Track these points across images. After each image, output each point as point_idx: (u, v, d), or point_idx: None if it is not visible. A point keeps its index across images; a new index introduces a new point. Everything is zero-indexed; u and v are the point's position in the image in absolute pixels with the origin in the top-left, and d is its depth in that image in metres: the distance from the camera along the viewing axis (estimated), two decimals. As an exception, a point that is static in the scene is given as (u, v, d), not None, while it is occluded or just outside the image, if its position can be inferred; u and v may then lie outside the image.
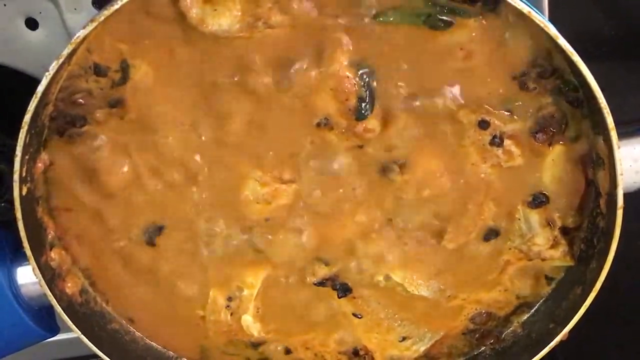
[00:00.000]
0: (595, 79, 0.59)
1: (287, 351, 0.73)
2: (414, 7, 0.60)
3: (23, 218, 0.62)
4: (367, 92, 0.63)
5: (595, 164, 0.64)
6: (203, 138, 0.65)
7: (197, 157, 0.65)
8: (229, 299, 0.70)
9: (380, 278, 0.70)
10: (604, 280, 0.63)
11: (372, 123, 0.63)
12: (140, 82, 0.62)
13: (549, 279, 0.70)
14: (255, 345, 0.72)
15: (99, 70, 0.62)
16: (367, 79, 0.62)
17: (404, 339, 0.72)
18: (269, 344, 0.72)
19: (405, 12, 0.60)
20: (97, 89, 0.63)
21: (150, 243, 0.68)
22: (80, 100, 0.63)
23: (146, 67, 0.62)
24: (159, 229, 0.68)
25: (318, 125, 0.64)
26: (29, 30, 0.74)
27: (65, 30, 0.73)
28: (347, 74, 0.62)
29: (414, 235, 0.68)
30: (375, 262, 0.69)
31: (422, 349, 0.72)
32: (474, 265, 0.69)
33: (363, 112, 0.63)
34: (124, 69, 0.62)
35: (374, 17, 0.60)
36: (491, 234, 0.68)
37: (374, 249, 0.69)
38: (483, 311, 0.71)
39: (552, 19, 0.75)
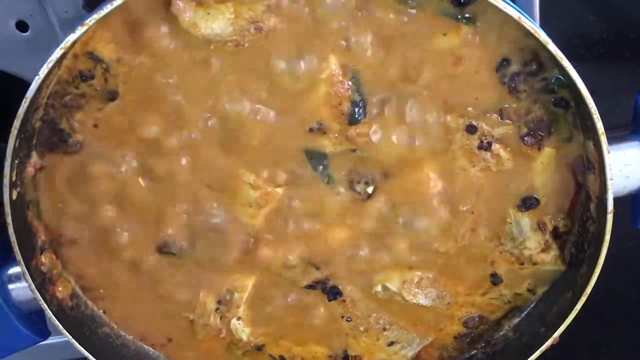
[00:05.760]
0: (586, 81, 0.59)
1: (281, 358, 0.73)
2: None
3: (13, 222, 0.62)
4: (360, 96, 0.63)
5: (586, 168, 0.64)
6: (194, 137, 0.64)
7: (184, 161, 0.65)
8: (219, 302, 0.70)
9: (379, 289, 0.70)
10: (595, 284, 0.63)
11: (366, 127, 0.63)
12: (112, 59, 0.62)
13: (532, 291, 0.70)
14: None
15: (85, 77, 0.62)
16: (360, 83, 0.62)
17: (392, 343, 0.72)
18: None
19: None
20: (92, 90, 0.63)
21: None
22: (72, 102, 0.62)
23: (109, 46, 0.61)
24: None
25: (311, 130, 0.64)
26: (20, 33, 0.73)
27: (56, 33, 0.73)
28: (340, 77, 0.62)
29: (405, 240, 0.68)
30: (368, 266, 0.69)
31: (410, 354, 0.72)
32: (466, 269, 0.69)
33: (356, 116, 0.63)
34: (93, 58, 0.61)
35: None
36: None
37: (366, 254, 0.68)
38: (476, 315, 0.71)
39: (543, 22, 0.76)
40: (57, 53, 0.57)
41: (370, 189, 0.66)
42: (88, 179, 0.65)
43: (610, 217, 0.61)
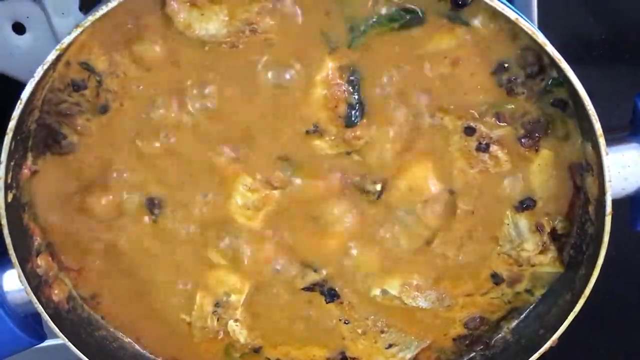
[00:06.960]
0: (584, 83, 0.58)
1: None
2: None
3: (8, 225, 0.62)
4: (357, 99, 0.62)
5: (584, 170, 0.64)
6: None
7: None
8: (217, 304, 0.70)
9: (377, 292, 0.69)
10: (594, 286, 0.63)
11: (362, 130, 0.63)
12: (107, 70, 0.62)
13: (530, 292, 0.70)
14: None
15: (77, 86, 0.62)
16: (356, 86, 0.62)
17: (390, 346, 0.71)
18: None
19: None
20: (85, 101, 0.63)
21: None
22: (66, 110, 0.62)
23: (103, 57, 0.61)
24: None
25: (307, 132, 0.63)
26: (16, 35, 0.74)
27: (53, 35, 0.73)
28: (338, 80, 0.62)
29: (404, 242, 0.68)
30: (365, 269, 0.69)
31: (408, 356, 0.72)
32: (465, 270, 0.69)
33: (353, 119, 0.63)
34: (88, 68, 0.61)
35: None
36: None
37: (363, 256, 0.68)
38: (477, 316, 0.71)
39: (542, 24, 0.76)
40: (53, 54, 0.57)
41: (366, 192, 0.65)
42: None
43: (608, 219, 0.61)
